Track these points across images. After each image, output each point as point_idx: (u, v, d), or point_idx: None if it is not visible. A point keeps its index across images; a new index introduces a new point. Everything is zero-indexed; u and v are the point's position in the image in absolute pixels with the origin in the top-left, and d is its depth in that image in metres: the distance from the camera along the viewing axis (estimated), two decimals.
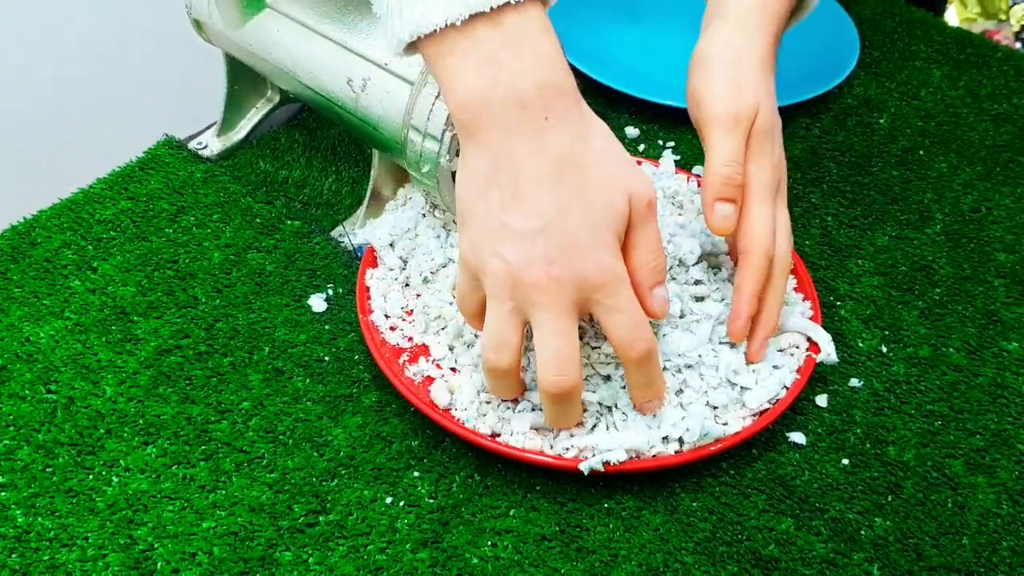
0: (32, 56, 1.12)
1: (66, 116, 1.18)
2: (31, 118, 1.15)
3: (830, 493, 0.53)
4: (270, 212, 0.68)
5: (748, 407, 0.53)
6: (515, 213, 0.47)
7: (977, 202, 0.72)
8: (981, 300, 0.64)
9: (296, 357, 0.59)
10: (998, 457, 0.55)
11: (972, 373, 0.60)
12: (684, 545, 0.50)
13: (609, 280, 0.47)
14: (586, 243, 0.47)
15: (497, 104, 0.47)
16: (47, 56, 1.13)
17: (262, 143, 0.75)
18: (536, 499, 0.52)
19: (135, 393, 0.56)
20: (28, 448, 0.53)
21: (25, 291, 0.62)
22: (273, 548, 0.50)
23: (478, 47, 0.46)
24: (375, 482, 0.53)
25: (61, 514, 0.51)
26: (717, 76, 0.56)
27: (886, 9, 0.91)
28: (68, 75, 1.16)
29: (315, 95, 0.63)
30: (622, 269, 0.48)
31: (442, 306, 0.58)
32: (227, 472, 0.53)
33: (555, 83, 0.47)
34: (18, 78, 1.12)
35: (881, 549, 0.51)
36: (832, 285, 0.65)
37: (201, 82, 0.86)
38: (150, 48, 1.19)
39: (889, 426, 0.56)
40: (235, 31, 0.66)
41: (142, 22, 1.16)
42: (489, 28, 0.46)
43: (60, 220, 0.67)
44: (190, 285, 0.63)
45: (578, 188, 0.47)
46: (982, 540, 0.51)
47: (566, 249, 0.47)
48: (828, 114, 0.79)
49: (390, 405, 0.56)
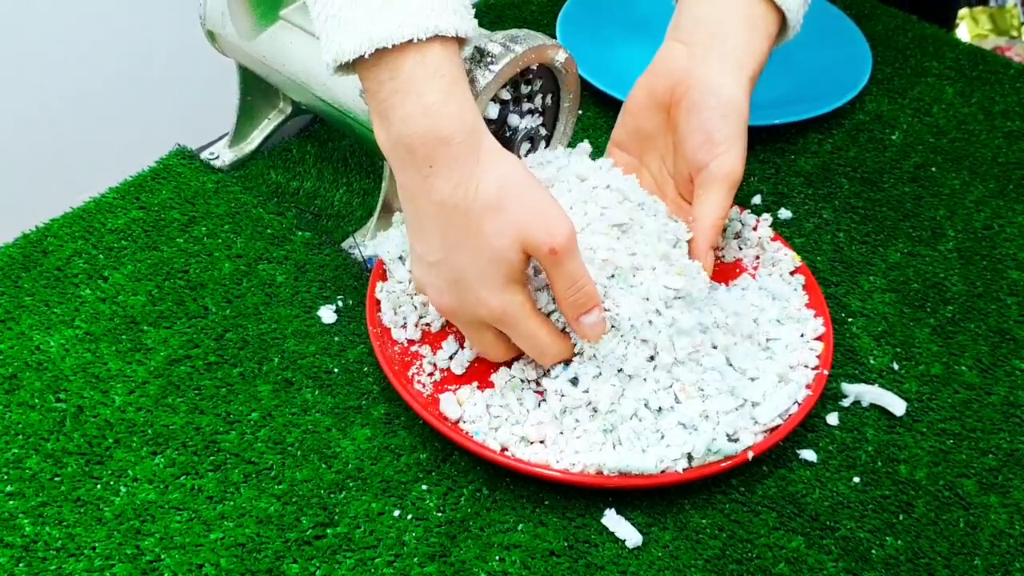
0: (45, 65, 1.13)
1: (79, 125, 1.18)
2: (44, 127, 1.16)
3: (841, 511, 0.53)
4: (281, 223, 0.68)
5: (760, 423, 0.53)
6: (418, 243, 0.52)
7: (989, 219, 0.71)
8: (994, 318, 0.64)
9: (305, 368, 0.58)
10: (1011, 477, 0.55)
11: (985, 391, 0.59)
12: (694, 562, 0.50)
13: (499, 316, 0.51)
14: (475, 284, 0.50)
15: (390, 147, 0.50)
16: (60, 66, 1.14)
17: (274, 154, 0.75)
18: (545, 514, 0.52)
19: (144, 403, 0.56)
20: (36, 457, 0.53)
21: (36, 299, 0.62)
22: (280, 560, 0.49)
23: (379, 88, 0.49)
24: (383, 495, 0.52)
25: (68, 524, 0.51)
26: (727, 132, 0.58)
27: (899, 25, 0.91)
28: (81, 85, 1.16)
29: (327, 107, 0.63)
30: (514, 306, 0.51)
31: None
32: (235, 483, 0.53)
33: (436, 132, 0.48)
34: (32, 87, 1.13)
35: (892, 569, 0.50)
36: (844, 302, 0.64)
37: (214, 93, 0.87)
38: (163, 59, 1.19)
39: (901, 444, 0.56)
40: (248, 42, 0.66)
41: (156, 33, 1.17)
42: (387, 70, 0.48)
43: (72, 229, 0.67)
44: (200, 295, 0.63)
45: (463, 234, 0.49)
46: (995, 561, 0.51)
47: (456, 284, 0.51)
48: (840, 130, 0.79)
49: (399, 417, 0.56)
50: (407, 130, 0.48)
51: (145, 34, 1.17)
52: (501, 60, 0.55)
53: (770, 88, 0.81)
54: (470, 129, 0.49)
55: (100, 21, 1.14)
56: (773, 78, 0.82)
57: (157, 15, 1.16)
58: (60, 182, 0.88)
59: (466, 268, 0.50)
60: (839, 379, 0.59)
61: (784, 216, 0.70)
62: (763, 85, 0.81)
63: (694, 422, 0.52)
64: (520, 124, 0.60)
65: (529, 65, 0.57)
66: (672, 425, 0.52)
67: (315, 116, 0.78)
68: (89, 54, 1.15)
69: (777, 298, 0.60)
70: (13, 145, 1.14)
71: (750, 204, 0.71)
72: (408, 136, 0.48)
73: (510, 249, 0.49)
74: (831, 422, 0.57)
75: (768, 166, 0.75)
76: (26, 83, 1.12)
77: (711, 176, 0.59)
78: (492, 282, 0.50)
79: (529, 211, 0.49)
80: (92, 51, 1.15)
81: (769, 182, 0.73)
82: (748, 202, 0.71)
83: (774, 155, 0.76)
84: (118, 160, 0.76)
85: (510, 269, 0.50)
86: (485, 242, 0.49)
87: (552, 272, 0.50)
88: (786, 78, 0.82)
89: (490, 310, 0.51)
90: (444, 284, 0.51)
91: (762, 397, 0.54)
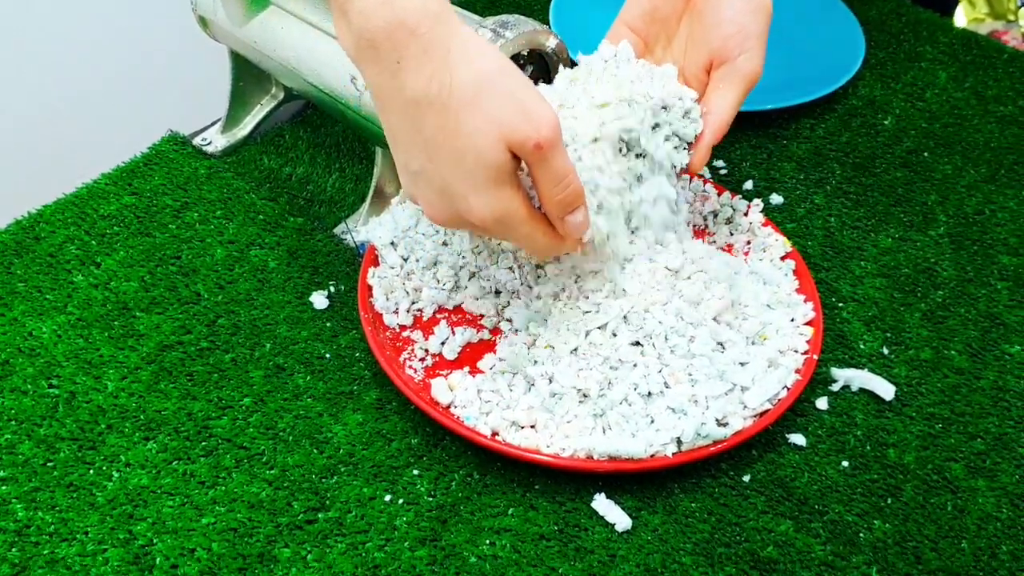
0: (38, 52, 1.12)
1: (71, 112, 1.18)
2: (37, 114, 1.16)
3: (830, 495, 0.53)
4: (273, 209, 0.68)
5: (749, 407, 0.53)
6: (398, 151, 0.48)
7: (981, 204, 0.71)
8: (984, 303, 0.64)
9: (297, 354, 0.59)
10: (999, 461, 0.55)
11: (974, 376, 0.59)
12: (682, 546, 0.50)
13: (492, 224, 0.48)
14: (463, 190, 0.47)
15: (354, 45, 0.46)
16: (52, 53, 1.13)
17: (266, 140, 0.75)
18: (535, 498, 0.52)
19: (136, 388, 0.56)
20: (29, 442, 0.54)
21: (28, 286, 0.62)
22: (272, 544, 0.50)
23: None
24: (374, 480, 0.53)
25: (61, 508, 0.51)
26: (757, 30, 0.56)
27: (892, 10, 0.91)
28: (73, 71, 1.16)
29: (319, 92, 0.63)
30: (508, 212, 0.47)
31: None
32: (227, 468, 0.53)
33: (399, 21, 0.44)
34: (24, 74, 1.13)
35: (880, 552, 0.51)
36: (835, 287, 0.64)
37: (206, 79, 0.86)
38: (155, 45, 1.19)
39: (890, 428, 0.56)
40: (240, 28, 0.66)
41: (148, 19, 1.17)
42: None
43: (64, 215, 0.67)
44: (192, 281, 0.63)
45: (442, 135, 0.46)
46: (981, 544, 0.51)
47: (444, 193, 0.47)
48: (833, 115, 0.79)
49: (390, 403, 0.56)
50: (368, 23, 0.44)
51: (137, 21, 1.17)
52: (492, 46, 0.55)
53: (763, 73, 0.81)
54: (436, 16, 0.45)
55: (92, 8, 1.14)
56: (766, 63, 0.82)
57: (149, 2, 1.16)
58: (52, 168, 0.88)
59: (450, 173, 0.46)
60: (829, 364, 0.59)
61: (776, 201, 0.70)
62: None
63: (683, 407, 0.52)
64: None
65: (520, 51, 0.57)
66: (662, 410, 0.52)
67: (307, 102, 0.77)
68: (81, 41, 1.15)
69: (768, 283, 0.60)
70: (5, 132, 1.13)
71: (742, 190, 0.71)
72: (370, 30, 0.44)
73: (493, 149, 0.45)
74: (820, 406, 0.57)
75: (760, 151, 0.75)
76: (18, 71, 1.12)
77: (735, 71, 0.57)
78: (480, 187, 0.46)
79: (511, 104, 0.45)
80: (84, 38, 1.15)
81: (761, 167, 0.73)
82: (740, 188, 0.71)
83: (766, 140, 0.76)
84: (110, 146, 0.76)
85: (498, 171, 0.46)
86: (466, 142, 0.45)
87: (537, 170, 0.47)
88: (779, 63, 0.82)
89: (482, 219, 0.47)
90: (432, 194, 0.48)
91: (751, 382, 0.54)
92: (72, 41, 1.14)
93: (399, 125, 0.47)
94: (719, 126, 0.57)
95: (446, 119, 0.45)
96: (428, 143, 0.46)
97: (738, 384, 0.54)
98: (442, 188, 0.47)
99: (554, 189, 0.48)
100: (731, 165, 0.73)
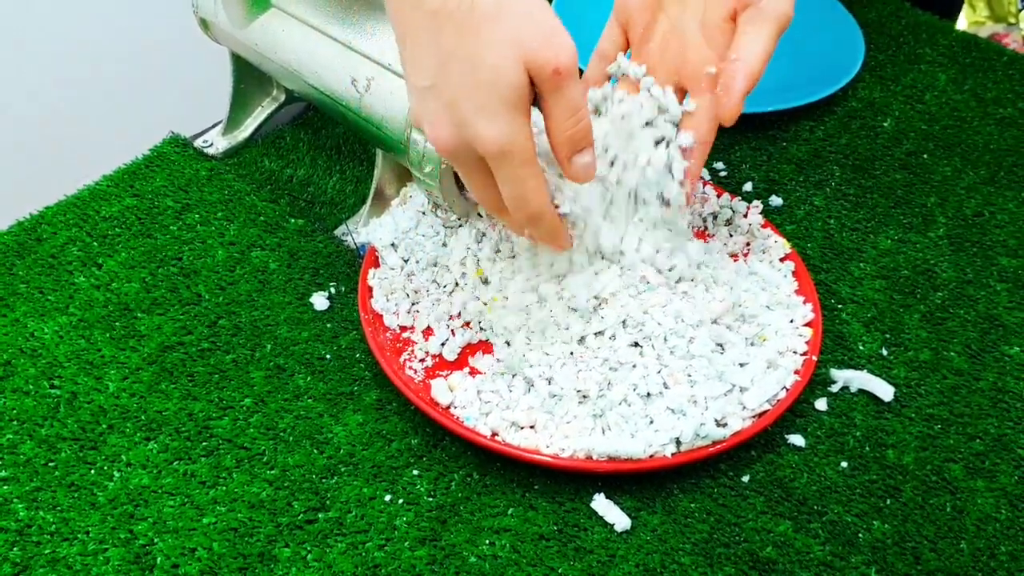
0: (39, 54, 1.13)
1: (73, 114, 1.18)
2: (38, 115, 1.16)
3: (829, 496, 0.53)
4: (274, 210, 0.68)
5: (748, 408, 0.53)
6: (410, 68, 0.47)
7: (980, 206, 0.71)
8: (983, 304, 0.64)
9: (298, 355, 0.59)
10: (998, 462, 0.55)
11: (973, 377, 0.60)
12: (682, 546, 0.51)
13: (493, 152, 0.46)
14: (473, 107, 0.45)
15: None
16: (54, 54, 1.14)
17: (267, 141, 0.75)
18: (534, 498, 0.52)
19: (137, 389, 0.57)
20: (31, 442, 0.54)
21: (30, 287, 0.62)
22: (272, 544, 0.50)
23: None
24: (374, 480, 0.53)
25: (62, 508, 0.51)
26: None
27: (892, 12, 0.91)
28: (75, 73, 1.16)
29: (319, 95, 0.64)
30: (512, 138, 0.46)
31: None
32: (228, 468, 0.53)
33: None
34: (26, 76, 1.13)
35: (879, 552, 0.51)
36: (834, 288, 0.65)
37: (207, 81, 0.87)
38: (157, 47, 1.19)
39: (889, 429, 0.56)
40: (241, 30, 0.66)
41: (149, 21, 1.17)
42: None
43: (66, 216, 0.67)
44: (194, 282, 0.63)
45: (459, 46, 0.44)
46: (980, 544, 0.51)
47: (451, 109, 0.46)
48: (832, 117, 0.79)
49: (390, 403, 0.57)
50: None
51: (139, 23, 1.17)
52: None
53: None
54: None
55: (94, 10, 1.14)
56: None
57: (151, 3, 1.16)
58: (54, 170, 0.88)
59: (463, 90, 0.45)
60: (828, 365, 0.59)
61: (775, 203, 0.70)
62: None
63: (683, 407, 0.52)
64: None
65: None
66: (661, 410, 0.52)
67: (308, 104, 0.78)
68: (83, 43, 1.15)
69: (767, 285, 0.60)
70: (7, 133, 1.14)
71: (741, 191, 0.71)
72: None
73: (512, 68, 0.44)
74: (820, 407, 0.57)
75: (760, 153, 0.75)
76: (19, 72, 1.12)
77: (762, 14, 0.53)
78: (492, 108, 0.45)
79: (532, 25, 0.44)
80: (86, 40, 1.15)
81: (761, 169, 0.73)
82: (739, 189, 0.71)
83: (766, 142, 0.76)
84: (112, 148, 0.76)
85: (511, 92, 0.45)
86: (484, 57, 0.44)
87: (551, 98, 0.46)
88: (778, 65, 0.82)
89: (486, 144, 0.46)
90: (441, 113, 0.46)
91: (750, 382, 0.54)
92: (74, 43, 1.15)
93: (415, 39, 0.46)
94: (752, 72, 0.53)
95: (465, 33, 0.44)
96: (443, 57, 0.45)
97: (737, 385, 0.54)
98: (451, 105, 0.46)
99: (567, 122, 0.47)
100: (731, 167, 0.74)
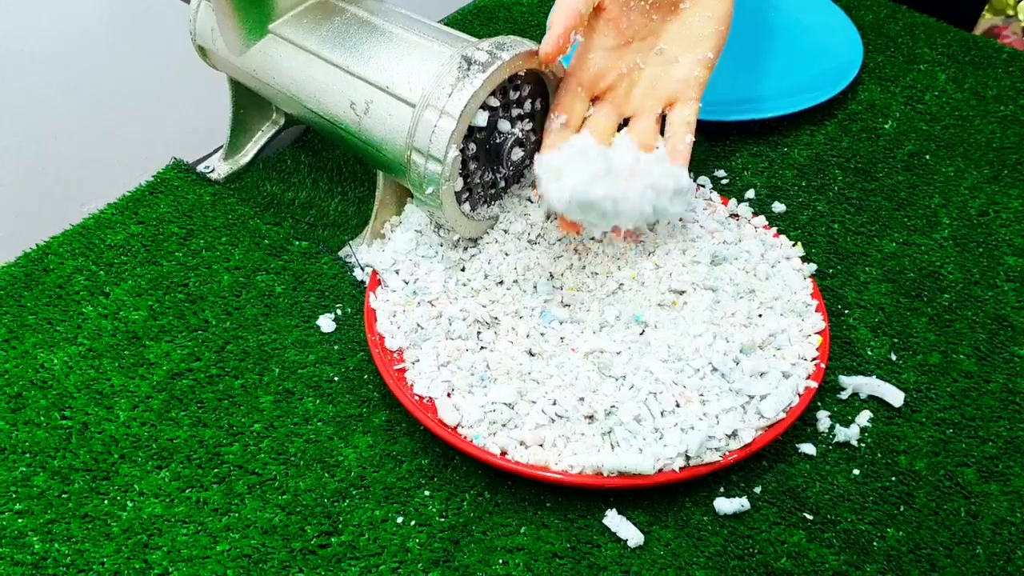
0: (41, 84, 1.13)
1: (76, 143, 1.19)
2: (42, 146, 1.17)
3: (841, 504, 0.53)
4: (278, 233, 0.68)
5: (757, 418, 0.53)
6: None
7: (985, 205, 0.71)
8: (991, 305, 0.64)
9: (306, 378, 0.59)
10: (1011, 464, 0.55)
11: (983, 379, 0.59)
12: (695, 560, 0.50)
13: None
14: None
15: None
16: (56, 84, 1.14)
17: (268, 165, 0.75)
18: (546, 516, 0.52)
19: (148, 417, 0.57)
20: (44, 474, 0.54)
21: (39, 318, 0.63)
22: (286, 570, 0.50)
23: None
24: (386, 502, 0.53)
25: (77, 540, 0.51)
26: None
27: (889, 14, 0.91)
28: (77, 103, 1.17)
29: (318, 118, 0.64)
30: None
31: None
32: (240, 495, 0.53)
33: None
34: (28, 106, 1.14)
35: (894, 560, 0.50)
36: (840, 293, 0.64)
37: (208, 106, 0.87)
38: (157, 74, 1.20)
39: (900, 435, 0.56)
40: (238, 57, 0.67)
41: (149, 49, 1.18)
42: None
43: (72, 246, 0.68)
44: (200, 308, 0.63)
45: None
46: (996, 549, 0.51)
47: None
48: (833, 120, 0.79)
49: (399, 424, 0.57)
50: None
51: (138, 51, 1.18)
52: (488, 68, 0.55)
53: (761, 81, 0.81)
54: None
55: (93, 40, 1.15)
56: (763, 71, 0.83)
57: (150, 32, 1.17)
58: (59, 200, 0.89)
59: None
60: (837, 371, 0.59)
61: (778, 210, 0.70)
62: (753, 78, 0.82)
63: (691, 421, 0.52)
64: (510, 130, 0.60)
65: (517, 71, 0.58)
66: (670, 425, 0.52)
67: (308, 127, 0.78)
68: (84, 72, 1.16)
69: (785, 289, 0.60)
70: (11, 165, 1.14)
71: (744, 199, 0.71)
72: None
73: None
74: (830, 415, 0.57)
75: (761, 159, 0.75)
76: (22, 102, 1.13)
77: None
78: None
79: None
80: (87, 69, 1.16)
81: (762, 176, 0.73)
82: (742, 197, 0.71)
83: (767, 148, 0.76)
84: (116, 176, 0.76)
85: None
86: None
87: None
88: (777, 70, 0.82)
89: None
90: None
91: (760, 393, 0.54)
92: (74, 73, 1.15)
93: None
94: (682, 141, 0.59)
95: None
96: None
97: (747, 395, 0.54)
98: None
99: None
100: (732, 174, 0.74)
